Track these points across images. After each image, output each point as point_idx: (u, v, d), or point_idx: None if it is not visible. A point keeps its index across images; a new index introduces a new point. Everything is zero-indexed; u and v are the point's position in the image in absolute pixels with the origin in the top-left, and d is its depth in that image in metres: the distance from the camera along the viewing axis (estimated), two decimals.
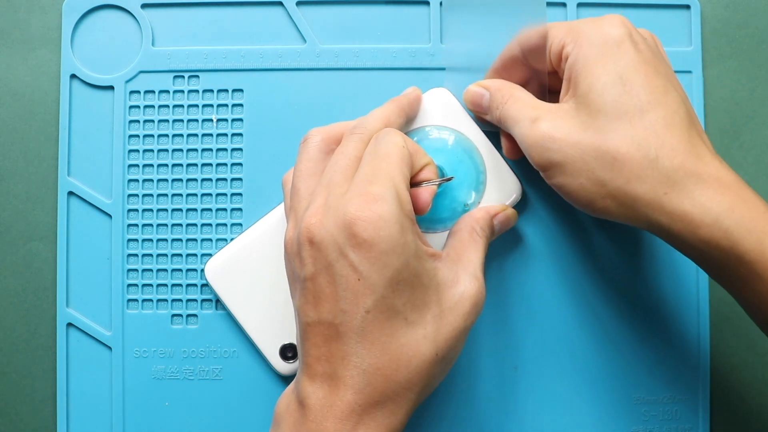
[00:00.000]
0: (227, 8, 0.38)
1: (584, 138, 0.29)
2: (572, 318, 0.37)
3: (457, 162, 0.35)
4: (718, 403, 0.37)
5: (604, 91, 0.29)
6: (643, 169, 0.28)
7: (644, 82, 0.29)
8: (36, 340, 0.38)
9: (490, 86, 0.34)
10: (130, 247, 0.37)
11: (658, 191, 0.28)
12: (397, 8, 0.38)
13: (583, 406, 0.37)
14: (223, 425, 0.37)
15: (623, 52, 0.30)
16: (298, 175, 0.31)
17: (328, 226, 0.28)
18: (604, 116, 0.29)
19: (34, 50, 0.38)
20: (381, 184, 0.28)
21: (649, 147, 0.28)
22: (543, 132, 0.30)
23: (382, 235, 0.27)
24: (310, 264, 0.28)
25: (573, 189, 0.30)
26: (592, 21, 0.31)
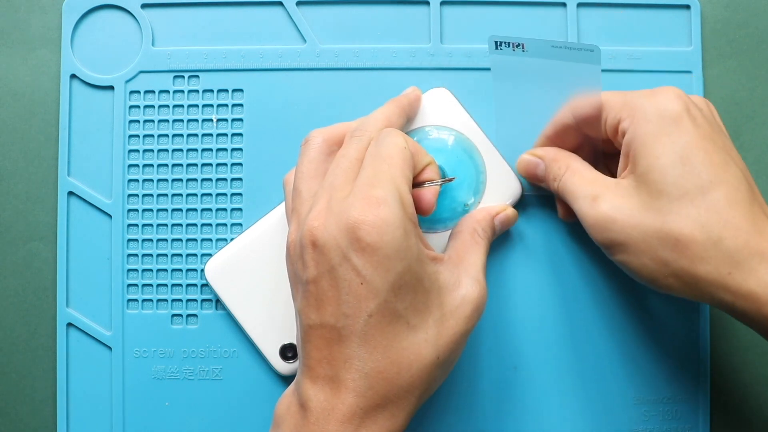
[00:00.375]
0: (227, 8, 0.38)
1: (645, 219, 0.29)
2: (572, 318, 0.37)
3: (457, 162, 0.35)
4: (718, 403, 0.37)
5: (664, 172, 0.29)
6: (707, 250, 0.28)
7: (704, 159, 0.29)
8: (36, 340, 0.38)
9: (544, 156, 0.34)
10: (130, 247, 0.37)
11: (721, 271, 0.28)
12: (397, 8, 0.38)
13: (583, 406, 0.37)
14: (223, 425, 0.37)
15: (682, 130, 0.29)
16: (300, 177, 0.31)
17: (331, 229, 0.28)
18: (666, 197, 0.29)
19: (34, 50, 0.38)
20: (383, 187, 0.28)
21: (712, 228, 0.28)
22: (604, 213, 0.30)
23: (385, 239, 0.27)
24: (313, 267, 0.28)
25: (636, 267, 0.30)
26: (648, 94, 0.31)
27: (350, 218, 0.27)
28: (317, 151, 0.32)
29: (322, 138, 0.32)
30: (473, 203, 0.35)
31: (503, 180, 0.36)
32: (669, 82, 0.37)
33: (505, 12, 0.38)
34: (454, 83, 0.37)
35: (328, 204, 0.28)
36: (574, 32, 0.38)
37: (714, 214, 0.28)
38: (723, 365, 0.38)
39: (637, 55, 0.38)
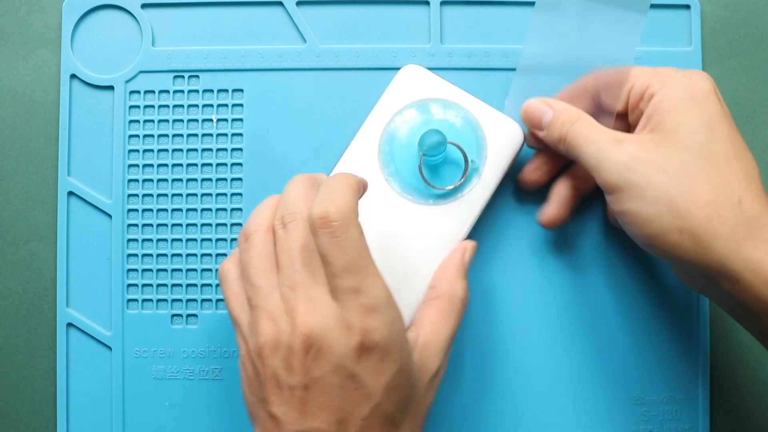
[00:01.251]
0: (227, 8, 0.38)
1: (672, 167, 0.29)
2: (572, 318, 0.37)
3: (449, 128, 0.34)
4: (718, 403, 0.37)
5: (693, 132, 0.29)
6: (726, 210, 0.28)
7: (729, 133, 0.30)
8: (36, 340, 0.38)
9: (555, 105, 0.34)
10: (130, 247, 0.37)
11: (737, 234, 0.28)
12: (397, 8, 0.38)
13: (583, 406, 0.37)
14: (223, 425, 0.37)
15: (711, 103, 0.30)
16: (255, 272, 0.29)
17: (324, 335, 0.27)
18: (694, 153, 0.29)
19: (34, 50, 0.38)
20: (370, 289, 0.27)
21: (733, 191, 0.29)
22: (630, 152, 0.30)
23: (386, 345, 0.27)
24: (302, 372, 0.27)
25: (647, 216, 0.29)
26: (679, 71, 0.31)
27: (351, 324, 0.27)
28: (263, 244, 0.30)
29: (262, 230, 0.30)
30: (480, 163, 0.35)
31: (503, 129, 0.35)
32: None
33: (505, 12, 0.38)
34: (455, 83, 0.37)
35: (311, 305, 0.27)
36: None
37: (736, 180, 0.29)
38: (723, 365, 0.38)
39: (637, 54, 0.38)
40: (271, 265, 0.29)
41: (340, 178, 0.29)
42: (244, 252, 0.30)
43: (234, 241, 0.37)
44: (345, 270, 0.27)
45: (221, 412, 0.37)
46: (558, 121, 0.33)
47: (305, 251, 0.28)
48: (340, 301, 0.27)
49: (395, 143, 0.35)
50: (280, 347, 0.27)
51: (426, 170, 0.34)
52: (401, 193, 0.34)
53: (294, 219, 0.29)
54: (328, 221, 0.27)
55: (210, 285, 0.37)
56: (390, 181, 0.35)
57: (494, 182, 0.35)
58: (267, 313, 0.28)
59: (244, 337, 0.30)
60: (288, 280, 0.28)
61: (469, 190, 0.34)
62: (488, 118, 0.35)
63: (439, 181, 0.34)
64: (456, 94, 0.35)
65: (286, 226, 0.29)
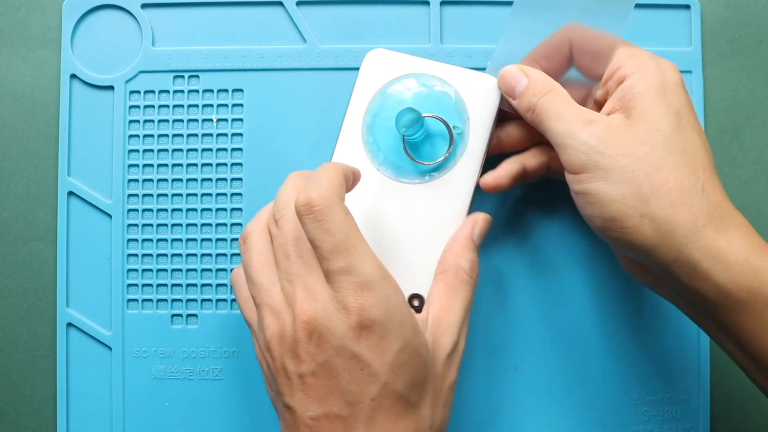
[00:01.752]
0: (227, 8, 0.38)
1: (639, 151, 0.29)
2: (572, 318, 0.37)
3: (426, 99, 0.34)
4: (718, 403, 0.37)
5: (664, 118, 0.30)
6: (690, 196, 0.28)
7: (695, 126, 0.30)
8: (36, 340, 0.38)
9: (530, 74, 0.33)
10: (130, 247, 0.37)
11: (698, 221, 0.28)
12: (397, 8, 0.38)
13: (583, 406, 0.37)
14: (223, 425, 0.37)
15: (680, 95, 0.31)
16: (254, 270, 0.30)
17: (326, 317, 0.27)
18: (662, 138, 0.29)
19: (34, 50, 0.38)
20: (361, 267, 0.27)
21: (698, 178, 0.29)
22: (598, 134, 0.30)
23: (384, 322, 0.27)
24: (310, 359, 0.28)
25: (609, 198, 0.29)
26: (654, 57, 0.32)
27: (347, 304, 0.27)
28: (261, 243, 0.31)
29: (259, 230, 0.31)
30: (464, 126, 0.34)
31: (478, 87, 0.34)
32: None
33: (505, 12, 0.38)
34: None
35: (308, 293, 0.28)
36: None
37: (701, 168, 0.29)
38: (723, 365, 0.38)
39: None
40: (269, 262, 0.30)
41: (325, 166, 0.30)
42: (244, 253, 0.31)
43: (234, 241, 0.37)
44: (333, 252, 0.27)
45: (221, 412, 0.37)
46: (530, 91, 0.32)
47: (298, 243, 0.29)
48: (333, 284, 0.28)
49: (377, 132, 0.34)
50: (285, 338, 0.28)
51: (412, 149, 0.34)
52: (396, 179, 0.34)
53: (284, 215, 0.30)
54: (310, 207, 0.28)
55: (210, 285, 0.37)
56: (382, 170, 0.34)
57: (483, 141, 0.34)
58: (270, 308, 0.29)
59: (256, 336, 0.31)
60: (285, 273, 0.29)
61: (461, 156, 0.34)
62: (461, 80, 0.35)
63: (428, 156, 0.34)
64: (425, 65, 0.35)
65: (278, 222, 0.30)
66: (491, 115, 0.34)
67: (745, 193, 0.38)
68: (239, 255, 0.37)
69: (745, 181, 0.38)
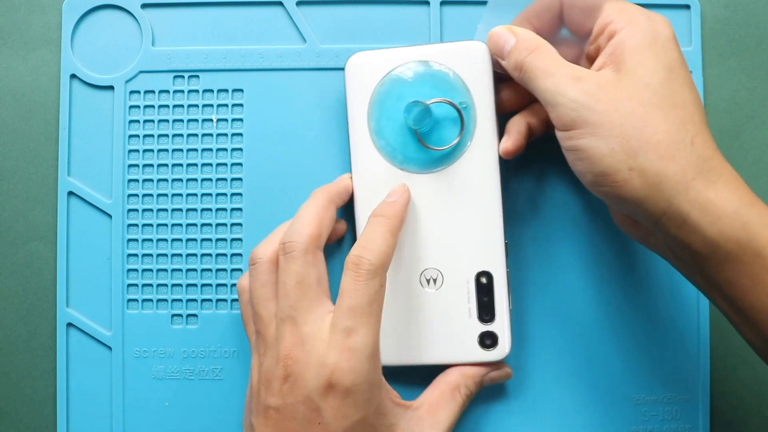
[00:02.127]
0: (227, 8, 0.38)
1: (628, 106, 0.29)
2: (572, 318, 0.37)
3: (429, 85, 0.34)
4: (718, 403, 0.37)
5: (654, 72, 0.29)
6: (679, 149, 0.28)
7: (686, 78, 0.30)
8: (36, 340, 0.38)
9: (518, 33, 0.33)
10: (130, 247, 0.37)
11: (687, 174, 0.28)
12: (397, 8, 0.38)
13: (583, 406, 0.37)
14: (223, 425, 0.37)
15: (671, 49, 0.30)
16: (257, 302, 0.32)
17: (304, 368, 0.29)
18: (652, 92, 0.29)
19: (34, 50, 0.38)
20: (360, 335, 0.29)
21: (687, 131, 0.29)
22: (587, 90, 0.29)
23: (354, 388, 0.29)
24: (278, 396, 0.30)
25: (600, 152, 0.29)
26: (644, 11, 0.31)
27: (326, 361, 0.29)
28: (267, 274, 0.32)
29: (266, 259, 0.33)
30: (469, 99, 0.34)
31: (473, 60, 0.34)
32: None
33: None
34: None
35: (297, 338, 0.30)
36: None
37: (691, 123, 0.29)
38: (723, 365, 0.38)
39: None
40: (271, 295, 0.32)
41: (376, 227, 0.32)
42: (252, 279, 0.33)
43: (234, 241, 0.37)
44: (350, 311, 0.30)
45: (221, 412, 0.37)
46: (516, 50, 0.32)
47: (301, 287, 0.31)
48: (330, 336, 0.30)
49: (387, 134, 0.35)
50: (267, 370, 0.31)
51: (427, 138, 0.34)
52: (423, 172, 0.34)
53: (293, 250, 0.31)
54: (359, 266, 0.30)
55: (210, 285, 0.37)
56: (406, 168, 0.34)
57: (491, 108, 0.34)
58: (264, 339, 0.32)
59: (252, 352, 0.33)
60: (281, 311, 0.31)
61: (475, 129, 0.34)
62: (451, 55, 0.34)
63: (444, 140, 0.34)
64: (410, 53, 0.35)
65: (286, 254, 0.31)
66: (490, 81, 0.34)
67: None
68: (240, 255, 0.37)
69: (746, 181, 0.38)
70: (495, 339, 0.34)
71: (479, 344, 0.34)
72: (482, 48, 0.34)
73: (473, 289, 0.34)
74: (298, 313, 0.30)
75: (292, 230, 0.32)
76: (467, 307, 0.35)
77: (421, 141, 0.34)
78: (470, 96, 0.34)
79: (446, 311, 0.35)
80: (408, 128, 0.34)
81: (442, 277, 0.35)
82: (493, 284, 0.34)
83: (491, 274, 0.34)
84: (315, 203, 0.33)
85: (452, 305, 0.35)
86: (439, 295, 0.35)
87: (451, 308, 0.35)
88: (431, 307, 0.35)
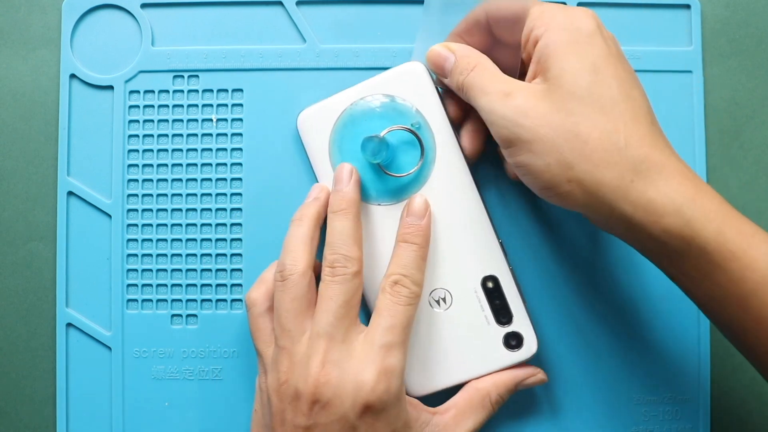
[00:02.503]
0: (227, 8, 0.38)
1: (556, 119, 0.29)
2: (572, 318, 0.37)
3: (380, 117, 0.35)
4: (718, 403, 0.37)
5: (577, 77, 0.29)
6: (612, 155, 0.28)
7: (614, 74, 0.29)
8: (36, 340, 0.38)
9: (456, 50, 0.33)
10: (129, 247, 0.37)
11: (624, 178, 0.28)
12: (397, 8, 0.38)
13: (583, 406, 0.37)
14: (223, 425, 0.37)
15: (595, 44, 0.30)
16: (286, 315, 0.32)
17: (338, 389, 0.30)
18: (577, 100, 0.29)
19: (33, 50, 0.38)
20: (397, 356, 0.31)
21: (618, 135, 0.29)
22: (516, 107, 0.29)
23: (386, 406, 0.30)
24: (308, 416, 0.30)
25: (538, 169, 0.29)
26: (563, 9, 0.31)
27: (363, 380, 0.30)
28: (300, 287, 0.32)
29: (298, 273, 0.32)
30: (420, 119, 0.35)
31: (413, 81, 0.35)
32: (669, 81, 0.38)
33: None
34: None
35: (333, 357, 0.30)
36: None
37: (621, 123, 0.29)
38: (723, 365, 0.38)
39: (637, 54, 0.38)
40: (303, 309, 0.32)
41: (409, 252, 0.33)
42: (280, 292, 0.32)
43: (234, 241, 0.37)
44: (390, 328, 0.31)
45: (221, 412, 0.37)
46: (456, 70, 0.32)
47: (346, 306, 0.31)
48: (367, 354, 0.30)
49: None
50: (292, 391, 0.30)
51: (392, 169, 0.35)
52: (399, 201, 0.35)
53: (345, 271, 0.32)
54: (399, 291, 0.32)
55: (210, 285, 0.37)
56: (384, 203, 0.35)
57: (443, 120, 0.35)
58: (290, 356, 0.31)
59: (265, 369, 0.32)
60: (319, 327, 0.31)
61: (435, 145, 0.35)
62: (391, 82, 0.35)
63: (408, 164, 0.35)
64: (351, 94, 0.35)
65: (335, 273, 0.32)
66: (435, 97, 0.35)
67: (745, 193, 0.38)
68: (239, 255, 0.37)
69: (746, 181, 0.38)
70: (519, 338, 0.35)
71: (505, 347, 0.35)
72: (419, 67, 0.35)
73: (483, 297, 0.35)
74: (337, 331, 0.31)
75: (337, 246, 0.32)
76: (483, 315, 0.35)
77: (388, 173, 0.34)
78: (421, 115, 0.35)
79: (464, 325, 0.35)
80: (371, 165, 0.35)
81: (449, 295, 0.35)
82: (501, 286, 0.34)
83: (496, 276, 0.35)
84: (353, 221, 0.33)
85: (468, 318, 0.35)
86: (452, 312, 0.35)
87: (468, 321, 0.35)
88: (448, 326, 0.35)
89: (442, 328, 0.35)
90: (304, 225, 0.33)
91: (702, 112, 0.38)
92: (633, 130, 0.29)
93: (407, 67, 0.35)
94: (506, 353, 0.34)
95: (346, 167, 0.34)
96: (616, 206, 0.28)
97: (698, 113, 0.38)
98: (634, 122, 0.29)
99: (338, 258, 0.32)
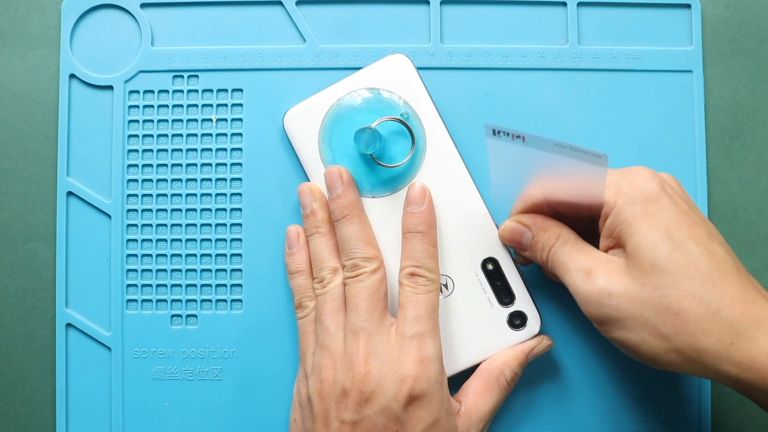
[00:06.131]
0: (227, 8, 0.38)
1: (642, 294, 0.28)
2: (572, 318, 0.37)
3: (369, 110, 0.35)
4: (718, 403, 0.37)
5: (654, 248, 0.29)
6: (707, 322, 0.28)
7: (690, 234, 0.29)
8: (36, 340, 0.38)
9: (532, 225, 0.33)
10: (129, 247, 0.37)
11: (724, 342, 0.28)
12: (397, 8, 0.38)
13: (583, 406, 0.37)
14: (223, 425, 0.37)
15: (663, 208, 0.29)
16: (325, 314, 0.33)
17: (381, 379, 0.31)
18: (660, 273, 0.28)
19: (33, 50, 0.38)
20: (433, 345, 0.32)
21: (709, 300, 0.28)
22: (600, 287, 0.29)
23: (430, 393, 0.31)
24: (354, 411, 0.31)
25: (635, 343, 0.29)
26: (624, 176, 0.30)
27: (402, 372, 0.31)
28: (339, 289, 0.34)
29: (338, 280, 0.34)
30: (409, 109, 0.35)
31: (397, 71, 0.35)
32: (670, 81, 0.38)
33: (505, 12, 0.38)
34: (454, 83, 0.37)
35: (371, 349, 0.32)
36: (575, 31, 0.38)
37: (709, 286, 0.28)
38: None
39: (637, 54, 0.38)
40: (340, 306, 0.33)
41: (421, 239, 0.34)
42: (320, 295, 0.34)
43: (234, 241, 0.37)
44: (416, 319, 0.32)
45: (221, 412, 0.37)
46: (538, 245, 0.33)
47: (372, 299, 0.33)
48: (401, 346, 0.32)
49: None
50: (337, 388, 0.32)
51: (385, 160, 0.35)
52: (394, 191, 0.35)
53: (365, 269, 0.33)
54: (416, 281, 0.33)
55: (210, 285, 0.37)
56: (378, 195, 0.35)
57: (430, 105, 0.35)
58: (330, 353, 0.32)
59: (306, 373, 0.34)
60: (352, 324, 0.32)
61: (427, 131, 0.35)
62: (375, 76, 0.36)
63: (400, 154, 0.35)
64: (335, 91, 0.36)
65: (356, 275, 0.33)
66: (420, 85, 0.36)
67: (745, 193, 0.38)
68: (239, 255, 0.37)
69: (746, 181, 0.38)
70: (523, 317, 0.35)
71: (510, 327, 0.35)
72: (403, 59, 0.36)
73: (484, 279, 0.35)
74: (369, 324, 0.32)
75: (352, 249, 0.34)
76: (485, 297, 0.35)
77: (381, 164, 0.35)
78: (408, 106, 0.35)
79: (468, 309, 0.35)
80: (363, 157, 0.35)
81: (451, 281, 0.35)
82: (501, 267, 0.35)
83: (495, 258, 0.35)
84: (358, 223, 0.34)
85: (471, 301, 0.35)
86: (455, 297, 0.35)
87: (471, 305, 0.35)
88: (453, 312, 0.35)
89: (447, 314, 0.35)
90: (322, 234, 0.35)
91: (702, 112, 0.38)
92: (723, 289, 0.28)
93: (390, 59, 0.36)
94: (511, 333, 0.35)
95: (333, 170, 0.35)
96: (720, 369, 0.28)
97: (699, 113, 0.38)
98: (722, 281, 0.28)
99: (356, 262, 0.33)
